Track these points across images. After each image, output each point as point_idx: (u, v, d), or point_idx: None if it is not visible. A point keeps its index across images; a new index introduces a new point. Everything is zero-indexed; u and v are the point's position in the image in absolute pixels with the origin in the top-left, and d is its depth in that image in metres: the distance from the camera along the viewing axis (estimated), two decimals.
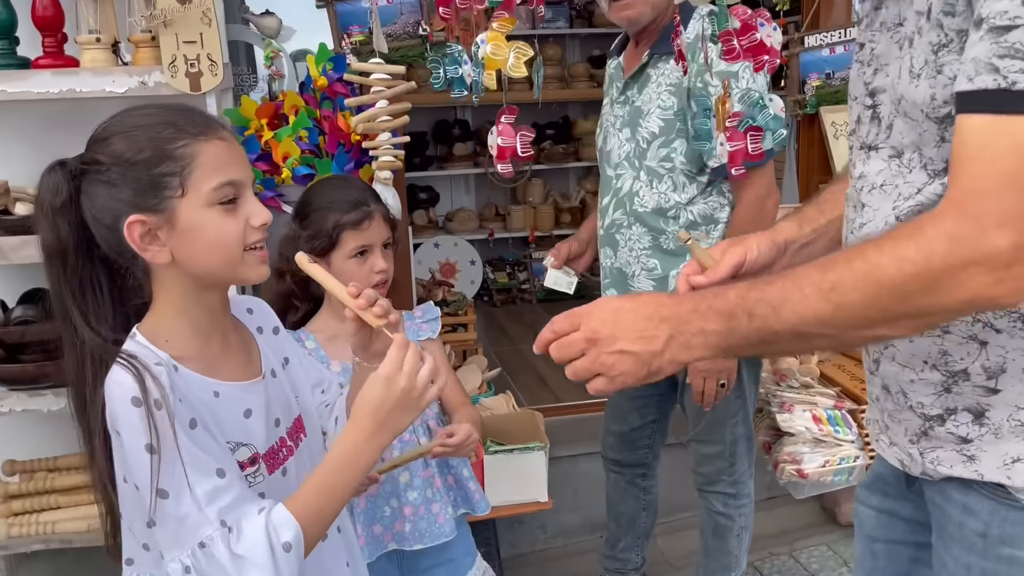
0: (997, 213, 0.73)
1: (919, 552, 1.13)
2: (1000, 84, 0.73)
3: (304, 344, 1.70)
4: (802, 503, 2.93)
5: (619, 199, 2.00)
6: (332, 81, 2.24)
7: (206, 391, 1.06)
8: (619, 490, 2.42)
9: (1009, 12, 0.73)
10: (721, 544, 2.22)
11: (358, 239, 1.65)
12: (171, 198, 1.00)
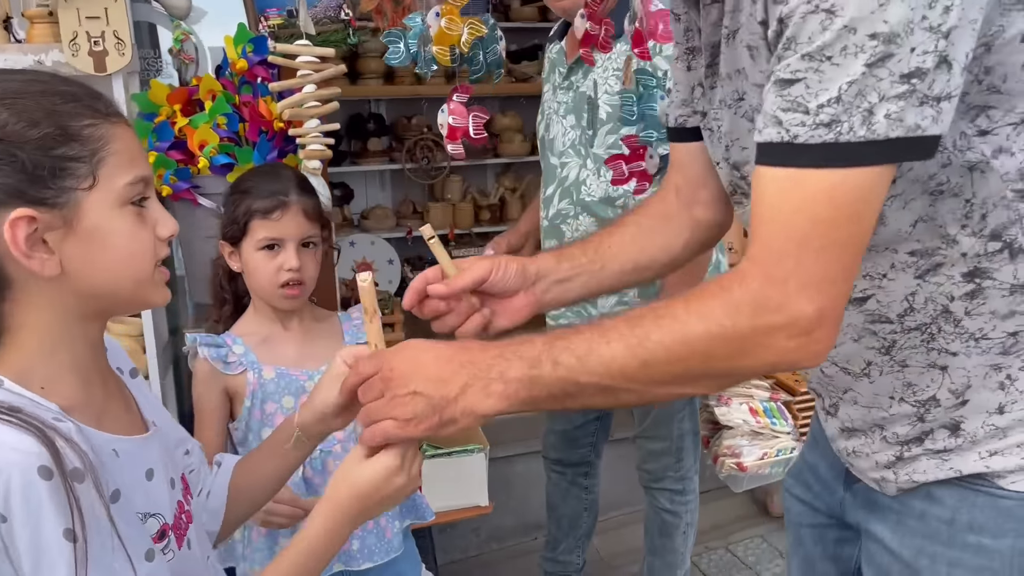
0: (799, 277, 0.75)
1: (843, 532, 1.13)
2: (783, 137, 0.75)
3: (232, 349, 1.56)
4: (734, 497, 2.94)
5: (564, 188, 1.93)
6: (252, 64, 2.09)
7: (104, 450, 0.82)
8: (560, 491, 2.36)
9: (791, 66, 0.74)
10: (667, 543, 2.18)
11: (267, 230, 1.50)
12: (74, 190, 0.78)
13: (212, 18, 2.55)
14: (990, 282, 0.85)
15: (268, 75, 2.10)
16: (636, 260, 1.12)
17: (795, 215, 0.75)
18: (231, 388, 1.56)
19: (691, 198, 1.16)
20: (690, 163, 1.15)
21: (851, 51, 0.70)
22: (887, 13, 0.69)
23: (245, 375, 1.54)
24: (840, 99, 0.71)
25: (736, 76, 0.92)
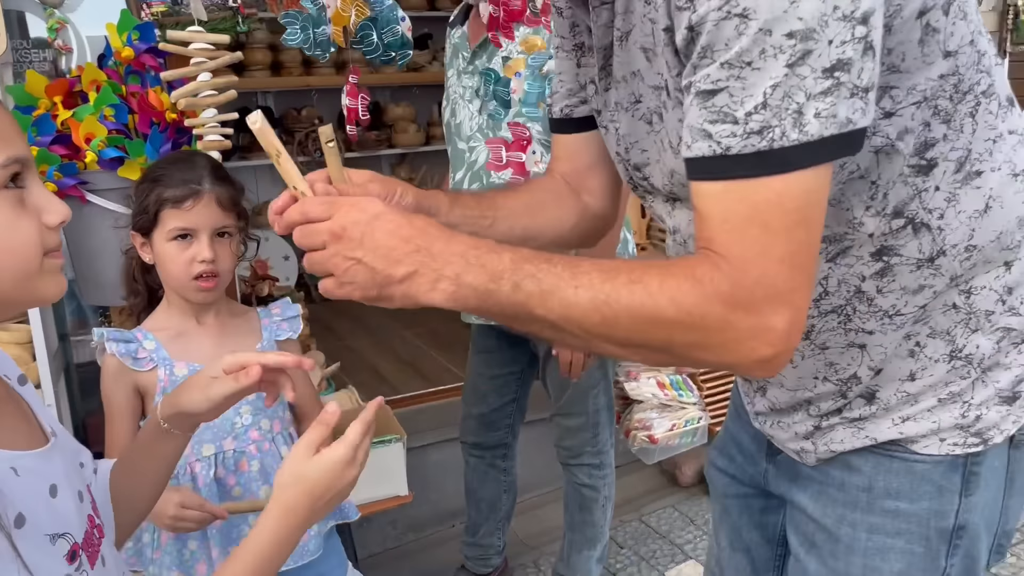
0: (765, 289, 0.74)
1: (768, 501, 1.18)
2: (715, 150, 0.73)
3: (142, 344, 1.49)
4: (645, 469, 3.03)
5: (474, 172, 1.94)
6: (139, 53, 1.99)
7: (3, 469, 0.74)
8: (479, 474, 2.37)
9: (711, 75, 0.72)
10: (587, 517, 2.23)
11: (179, 220, 1.44)
12: None
13: (88, 5, 2.42)
14: (897, 259, 0.87)
15: (157, 64, 2.01)
16: (526, 226, 1.07)
17: (748, 225, 0.73)
18: (141, 385, 1.49)
19: (579, 185, 1.15)
20: (576, 154, 1.14)
21: (770, 53, 0.69)
22: (800, 9, 0.68)
23: (156, 372, 1.48)
24: (767, 104, 0.70)
25: (632, 79, 0.91)
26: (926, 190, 0.85)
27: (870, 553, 0.97)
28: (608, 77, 0.95)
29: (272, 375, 1.00)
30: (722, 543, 1.27)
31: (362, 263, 0.80)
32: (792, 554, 1.08)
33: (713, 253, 0.75)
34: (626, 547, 2.65)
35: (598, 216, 1.16)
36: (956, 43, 0.81)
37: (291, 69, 4.24)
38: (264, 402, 1.05)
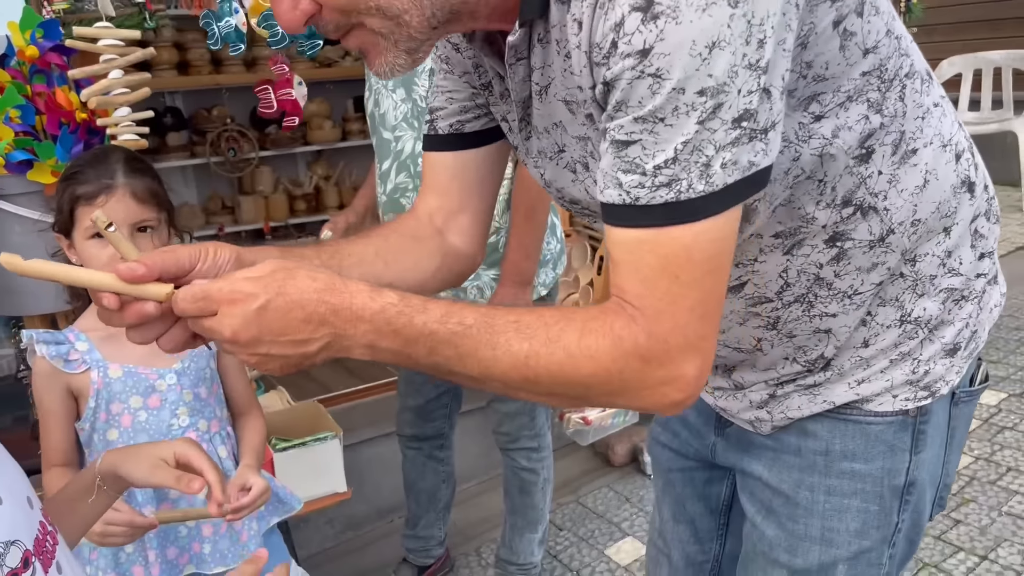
0: (677, 338, 0.76)
1: (712, 473, 1.22)
2: (624, 200, 0.75)
3: (75, 346, 1.44)
4: (578, 452, 3.08)
5: (401, 162, 1.93)
6: (44, 51, 1.92)
7: None
8: (417, 466, 2.37)
9: (625, 127, 0.73)
10: (527, 500, 2.26)
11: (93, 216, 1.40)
12: None
13: None
14: (850, 243, 0.91)
15: (63, 62, 1.94)
16: (379, 275, 1.00)
17: (659, 277, 0.75)
18: (74, 387, 1.45)
19: (446, 224, 1.10)
20: (452, 180, 1.09)
21: (683, 111, 0.70)
22: (711, 67, 0.69)
23: (88, 374, 1.44)
24: (676, 159, 0.72)
25: (554, 129, 0.91)
26: (870, 176, 0.88)
27: (828, 514, 1.01)
28: (528, 127, 0.95)
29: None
30: (665, 516, 1.30)
31: (271, 355, 0.78)
32: (748, 521, 1.11)
33: (628, 304, 0.77)
34: (565, 528, 2.69)
35: (464, 257, 1.11)
36: (874, 39, 0.83)
37: (200, 68, 4.12)
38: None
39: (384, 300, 0.79)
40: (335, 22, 0.82)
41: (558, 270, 2.11)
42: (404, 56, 0.84)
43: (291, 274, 0.79)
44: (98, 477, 1.01)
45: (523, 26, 0.83)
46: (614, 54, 0.72)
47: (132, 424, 1.47)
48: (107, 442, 1.47)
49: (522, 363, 0.78)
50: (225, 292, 0.77)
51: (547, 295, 2.08)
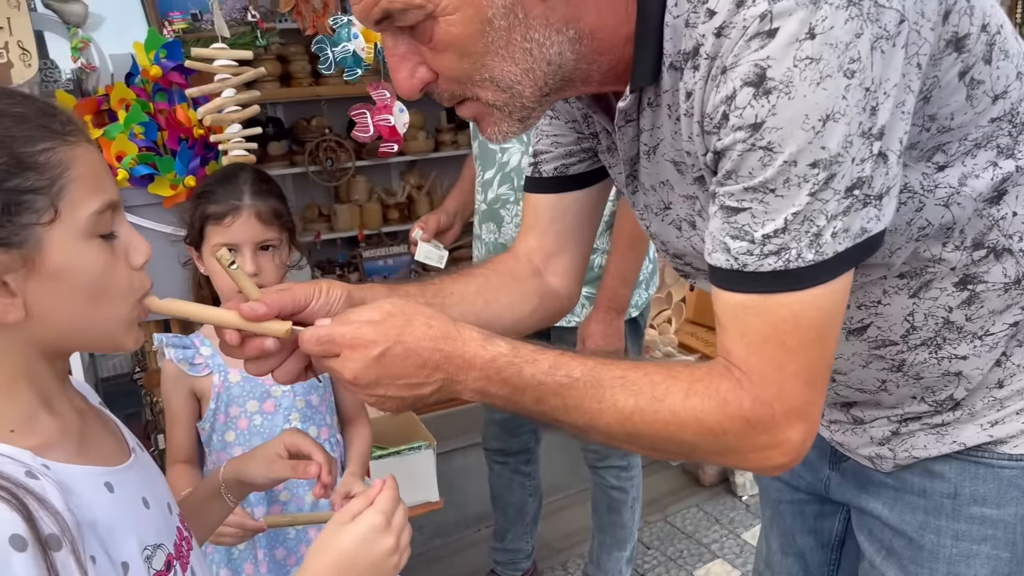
0: (783, 403, 0.76)
1: (824, 507, 1.19)
2: (732, 265, 0.75)
3: (199, 350, 1.52)
4: (666, 470, 3.05)
5: (505, 173, 1.96)
6: (167, 70, 2.02)
7: (95, 487, 0.75)
8: (504, 480, 2.39)
9: (735, 195, 0.74)
10: (616, 518, 2.25)
11: (220, 235, 1.47)
12: (34, 226, 0.69)
13: (110, 24, 2.44)
14: (983, 285, 0.88)
15: (184, 81, 2.04)
16: (479, 314, 1.03)
17: (765, 342, 0.75)
18: (197, 389, 1.54)
19: (544, 265, 1.12)
20: (552, 223, 1.11)
21: (794, 183, 0.70)
22: (825, 139, 0.69)
23: (211, 377, 1.53)
24: (786, 229, 0.72)
25: (660, 188, 0.92)
26: (1003, 218, 0.85)
27: (955, 560, 0.98)
28: (635, 183, 0.96)
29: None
30: (772, 546, 1.27)
31: (388, 396, 0.81)
32: (866, 560, 1.08)
33: (734, 367, 0.78)
34: (653, 547, 2.66)
35: (561, 297, 1.13)
36: (1004, 84, 0.81)
37: (300, 80, 4.26)
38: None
39: (495, 350, 0.82)
40: (450, 91, 0.85)
41: (650, 291, 2.10)
42: (517, 124, 0.86)
43: (409, 321, 0.81)
44: (222, 485, 1.06)
45: (633, 91, 0.84)
46: (725, 126, 0.73)
47: (248, 427, 1.54)
48: (225, 443, 1.54)
49: (626, 419, 0.80)
50: (348, 337, 0.80)
51: (638, 316, 2.07)
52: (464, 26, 0.78)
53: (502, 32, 0.79)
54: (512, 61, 0.81)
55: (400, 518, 0.83)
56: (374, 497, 0.83)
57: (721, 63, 0.73)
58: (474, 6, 0.77)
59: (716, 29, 0.73)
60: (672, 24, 0.79)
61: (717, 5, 0.73)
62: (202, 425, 1.56)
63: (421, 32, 0.80)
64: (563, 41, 0.81)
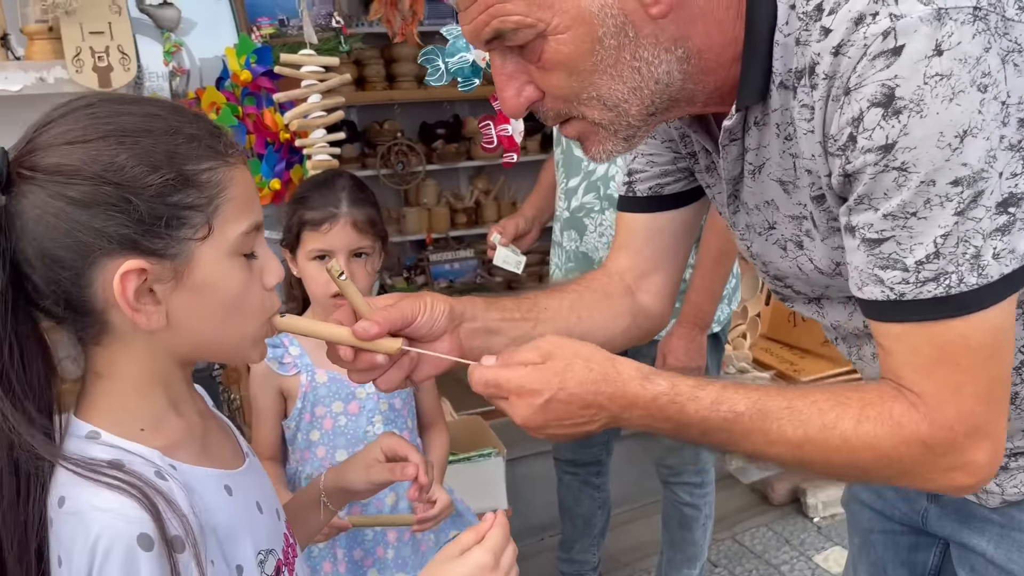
0: (964, 424, 0.74)
1: (919, 539, 1.15)
2: (888, 296, 0.74)
3: (288, 350, 1.55)
4: (735, 487, 2.99)
5: (591, 182, 1.95)
6: (256, 75, 2.06)
7: (215, 489, 0.77)
8: (573, 492, 2.37)
9: (874, 226, 0.73)
10: (687, 535, 2.21)
11: (317, 242, 1.50)
12: (189, 240, 0.72)
13: (201, 29, 2.51)
14: None
15: (272, 86, 2.08)
16: (571, 329, 1.03)
17: (936, 365, 0.74)
18: (285, 388, 1.57)
19: (637, 284, 1.11)
20: (646, 242, 1.11)
21: (935, 203, 0.69)
22: (964, 156, 0.67)
23: (298, 377, 1.56)
24: (939, 253, 0.70)
25: (765, 207, 0.91)
26: None
27: None
28: (736, 202, 0.96)
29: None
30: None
31: (556, 435, 0.85)
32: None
33: (906, 390, 0.76)
34: (720, 566, 2.62)
35: (653, 316, 1.12)
36: None
37: (375, 84, 4.32)
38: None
39: (656, 389, 0.82)
40: (555, 110, 0.85)
41: (733, 305, 2.07)
42: (621, 143, 0.86)
43: (569, 365, 0.83)
44: (322, 493, 1.07)
45: (739, 110, 0.83)
46: (853, 148, 0.71)
47: (332, 428, 1.56)
48: (309, 442, 1.57)
49: (796, 448, 0.79)
50: (513, 384, 0.83)
51: (720, 331, 2.04)
52: (574, 45, 0.79)
53: (611, 51, 0.79)
54: (620, 80, 0.81)
55: (509, 558, 0.82)
56: (485, 532, 0.82)
57: (843, 83, 0.72)
58: (585, 25, 0.78)
59: (834, 48, 0.72)
60: (783, 42, 0.78)
61: (832, 23, 0.72)
62: (287, 424, 1.58)
63: (530, 51, 0.81)
64: (671, 60, 0.81)
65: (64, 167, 0.68)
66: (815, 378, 2.72)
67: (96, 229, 0.68)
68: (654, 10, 0.77)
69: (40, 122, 0.72)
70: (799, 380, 2.60)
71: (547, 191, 2.21)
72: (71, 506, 0.68)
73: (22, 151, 0.71)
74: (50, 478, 0.70)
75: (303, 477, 1.59)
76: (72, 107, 0.72)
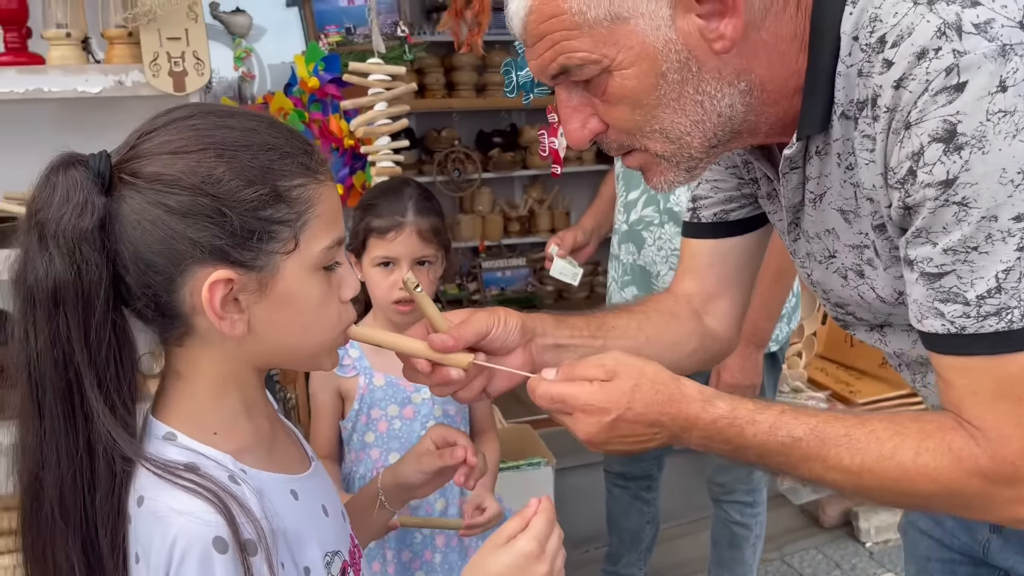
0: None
1: (978, 570, 1.12)
2: (949, 329, 0.74)
3: (348, 351, 1.59)
4: (784, 507, 2.95)
5: (651, 195, 1.95)
6: (324, 82, 2.11)
7: (283, 494, 0.79)
8: (623, 505, 2.37)
9: (934, 260, 0.73)
10: (736, 554, 2.19)
11: (382, 249, 1.54)
12: (276, 253, 0.74)
13: (270, 36, 2.58)
14: None
15: (339, 93, 2.13)
16: (639, 349, 1.03)
17: (999, 400, 0.74)
18: (343, 390, 1.60)
19: (703, 308, 1.12)
20: (711, 267, 1.12)
21: (997, 238, 0.69)
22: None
23: (357, 379, 1.59)
24: (1001, 288, 0.70)
25: (826, 236, 0.92)
26: None
27: None
28: (797, 230, 0.96)
29: None
30: None
31: (617, 450, 0.88)
32: None
33: (967, 423, 0.76)
34: None
35: (721, 340, 1.13)
36: None
37: (435, 92, 4.37)
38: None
39: (716, 411, 0.84)
40: (619, 142, 0.87)
41: (792, 325, 2.04)
42: (683, 174, 0.88)
43: (637, 385, 0.85)
44: (380, 492, 1.09)
45: (800, 139, 0.84)
46: (913, 182, 0.72)
47: (387, 431, 1.59)
48: (364, 443, 1.60)
49: (855, 476, 0.80)
50: (580, 401, 0.85)
51: (778, 350, 2.02)
52: (638, 80, 0.81)
53: (674, 85, 0.81)
54: (682, 113, 0.82)
55: (555, 542, 0.82)
56: (529, 518, 0.82)
57: (903, 117, 0.73)
58: (649, 60, 0.80)
59: (895, 81, 0.73)
60: (845, 73, 0.79)
61: (895, 56, 0.73)
62: (344, 424, 1.62)
63: (595, 85, 0.83)
64: (734, 93, 0.82)
65: (164, 176, 0.71)
66: (871, 400, 2.68)
67: (190, 238, 0.71)
68: (718, 45, 0.79)
69: (144, 129, 0.74)
70: (855, 402, 2.56)
71: (606, 205, 2.22)
72: (150, 506, 0.70)
73: (124, 156, 0.73)
74: (131, 476, 0.72)
75: (356, 477, 1.61)
76: (175, 117, 0.75)
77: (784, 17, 0.81)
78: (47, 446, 0.72)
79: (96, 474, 0.71)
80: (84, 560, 0.72)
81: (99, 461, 0.71)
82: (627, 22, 0.78)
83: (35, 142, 2.05)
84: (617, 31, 0.78)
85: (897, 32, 0.74)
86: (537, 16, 0.81)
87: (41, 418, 0.72)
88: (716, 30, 0.78)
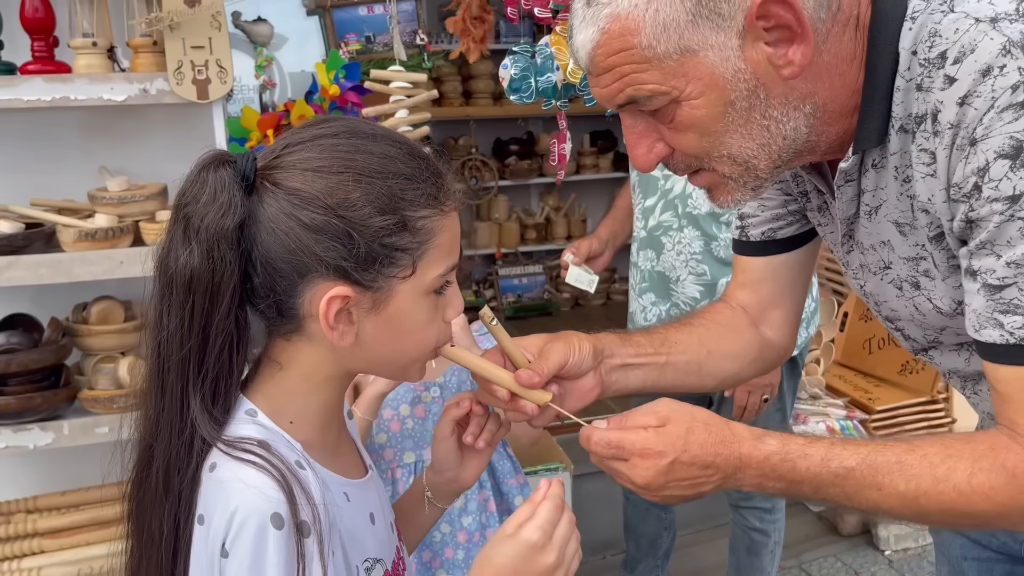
0: None
1: (1015, 567, 1.12)
2: (1008, 340, 0.76)
3: None
4: (802, 514, 2.94)
5: (668, 200, 1.95)
6: (344, 90, 2.13)
7: (338, 493, 0.82)
8: (640, 511, 2.36)
9: (997, 272, 0.75)
10: (755, 561, 2.18)
11: None
12: (393, 278, 0.77)
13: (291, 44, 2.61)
14: None
15: (359, 100, 2.15)
16: (702, 362, 1.08)
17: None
18: (358, 385, 1.61)
19: (759, 318, 1.14)
20: (764, 282, 1.13)
21: None
22: None
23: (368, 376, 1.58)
24: None
25: (881, 248, 0.93)
26: None
27: None
28: (850, 242, 0.97)
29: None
30: None
31: (672, 495, 0.88)
32: None
33: (1020, 438, 0.77)
34: None
35: (778, 348, 1.15)
36: None
37: (452, 100, 4.39)
38: None
39: (767, 448, 0.85)
40: (686, 163, 0.88)
41: (810, 330, 2.04)
42: (750, 192, 0.89)
43: (690, 429, 0.87)
44: (425, 487, 1.07)
45: (856, 152, 0.85)
46: (978, 197, 0.73)
47: (400, 431, 1.60)
48: (376, 445, 1.60)
49: (911, 501, 0.80)
50: (638, 447, 0.86)
51: (797, 355, 2.02)
52: (707, 109, 0.82)
53: (742, 112, 0.82)
54: (750, 138, 0.84)
55: (564, 529, 0.80)
56: (538, 504, 0.81)
57: (968, 134, 0.74)
58: (718, 90, 0.81)
59: (960, 98, 0.74)
60: (903, 88, 0.80)
61: (957, 72, 0.74)
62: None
63: (663, 114, 0.84)
64: (799, 116, 0.84)
65: (303, 192, 0.75)
66: (890, 407, 2.66)
67: (317, 255, 0.75)
68: (786, 71, 0.80)
69: (291, 141, 0.78)
70: (874, 409, 2.55)
71: (622, 215, 2.23)
72: (220, 474, 0.74)
73: (269, 163, 0.77)
74: (209, 451, 0.76)
75: None
76: (321, 133, 0.78)
77: (844, 38, 0.82)
78: (163, 420, 0.77)
79: (193, 450, 0.76)
80: (173, 528, 0.76)
81: (197, 439, 0.76)
82: (696, 54, 0.79)
83: (61, 149, 2.09)
84: (686, 63, 0.79)
85: (959, 48, 0.75)
86: (605, 51, 0.82)
87: (162, 394, 0.77)
88: (784, 56, 0.79)
